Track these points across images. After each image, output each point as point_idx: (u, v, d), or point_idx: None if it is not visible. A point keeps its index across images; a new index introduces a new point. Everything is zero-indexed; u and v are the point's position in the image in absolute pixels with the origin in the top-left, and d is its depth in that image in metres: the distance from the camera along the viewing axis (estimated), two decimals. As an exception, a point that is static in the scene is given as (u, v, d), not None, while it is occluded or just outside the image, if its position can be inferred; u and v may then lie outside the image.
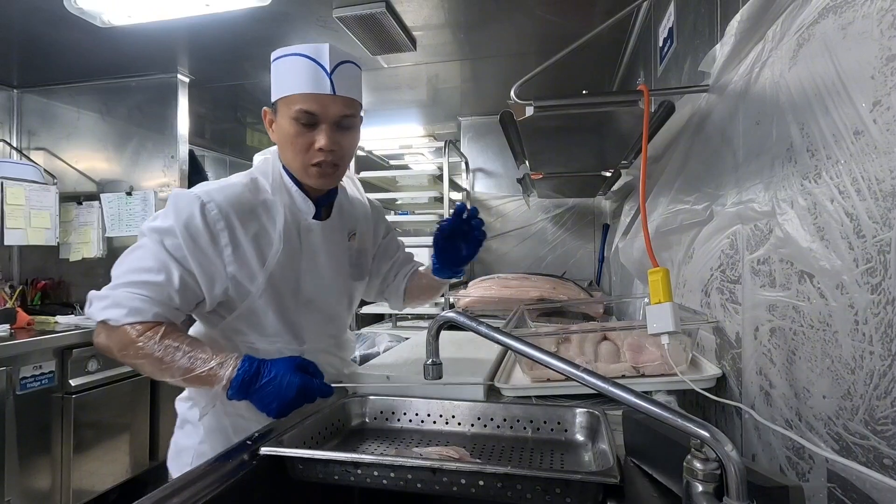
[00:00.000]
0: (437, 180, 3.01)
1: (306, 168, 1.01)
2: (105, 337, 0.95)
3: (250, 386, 0.91)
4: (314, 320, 1.11)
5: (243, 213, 1.00)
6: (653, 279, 0.85)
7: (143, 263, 0.95)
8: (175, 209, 0.96)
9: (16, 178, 2.72)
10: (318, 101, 0.97)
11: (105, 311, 0.93)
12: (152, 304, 0.94)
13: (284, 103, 0.99)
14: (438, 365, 0.83)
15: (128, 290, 0.93)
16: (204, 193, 0.97)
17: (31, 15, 2.21)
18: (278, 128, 1.02)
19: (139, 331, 0.92)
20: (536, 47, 2.56)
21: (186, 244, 0.95)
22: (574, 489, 0.68)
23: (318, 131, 0.98)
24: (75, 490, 2.27)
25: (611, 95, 1.37)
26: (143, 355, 0.92)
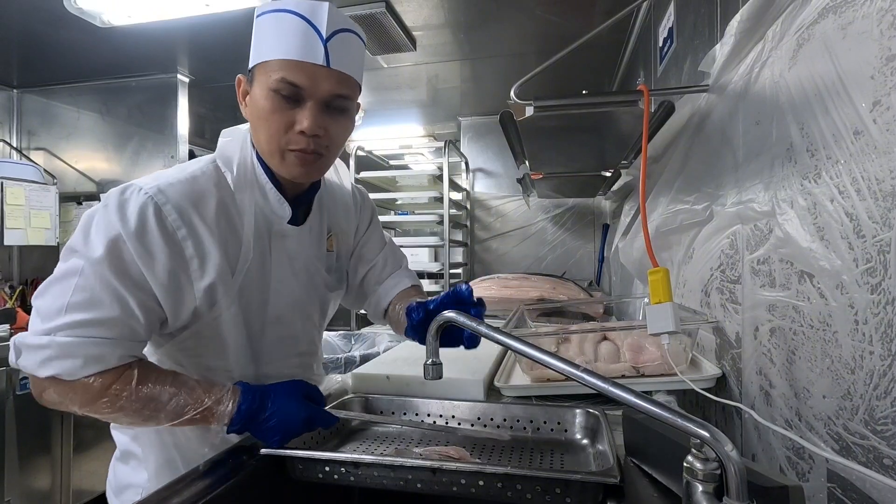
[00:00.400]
0: (437, 180, 3.01)
1: (282, 153, 0.81)
2: (57, 393, 0.74)
3: (253, 420, 0.79)
4: (280, 340, 0.94)
5: (207, 214, 0.80)
6: (653, 279, 0.85)
7: (86, 295, 0.72)
8: (120, 215, 0.74)
9: (16, 178, 2.72)
10: (306, 72, 0.77)
11: (49, 366, 0.71)
12: (114, 345, 0.74)
13: (263, 70, 0.79)
14: (438, 365, 0.83)
15: (76, 333, 0.71)
16: (156, 191, 0.76)
17: (30, 15, 2.21)
18: (252, 101, 0.82)
19: (106, 382, 0.73)
20: (536, 47, 2.56)
21: (143, 259, 0.74)
22: (574, 489, 0.68)
23: (302, 110, 0.79)
24: (75, 490, 2.27)
25: (611, 95, 1.37)
26: (119, 408, 0.75)
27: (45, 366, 0.71)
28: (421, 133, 4.17)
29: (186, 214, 0.78)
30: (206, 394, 0.78)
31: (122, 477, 0.94)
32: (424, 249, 3.23)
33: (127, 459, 0.94)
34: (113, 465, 0.97)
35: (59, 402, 0.75)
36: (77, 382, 0.73)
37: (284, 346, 0.96)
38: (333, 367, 1.63)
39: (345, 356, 1.63)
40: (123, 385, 0.74)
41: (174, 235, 0.77)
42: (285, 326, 0.94)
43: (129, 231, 0.74)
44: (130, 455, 0.93)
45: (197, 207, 0.79)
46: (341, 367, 1.61)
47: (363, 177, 3.05)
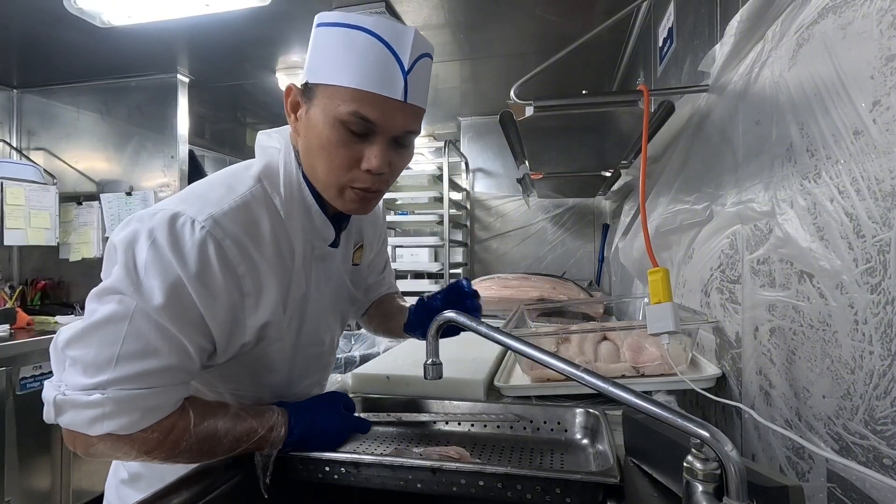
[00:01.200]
0: (436, 180, 3.01)
1: (342, 189, 0.74)
2: (108, 448, 0.67)
3: (306, 439, 0.79)
4: (310, 360, 0.91)
5: (262, 243, 0.73)
6: (653, 279, 0.85)
7: (140, 345, 0.65)
8: (176, 255, 0.66)
9: (16, 178, 2.72)
10: (382, 107, 0.69)
11: (104, 424, 0.64)
12: (170, 392, 0.68)
13: (329, 95, 0.69)
14: (438, 365, 0.83)
15: (129, 385, 0.65)
16: (212, 224, 0.68)
17: (30, 15, 2.21)
18: (310, 123, 0.72)
19: (164, 430, 0.68)
20: (536, 47, 2.56)
21: (203, 302, 0.67)
22: (574, 489, 0.68)
23: (370, 145, 0.71)
24: (75, 490, 2.27)
25: (611, 95, 1.37)
26: (177, 454, 0.70)
27: (99, 424, 0.64)
28: (421, 133, 4.16)
29: (245, 249, 0.71)
30: (258, 422, 0.76)
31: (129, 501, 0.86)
32: (424, 249, 3.23)
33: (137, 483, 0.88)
34: (116, 488, 0.90)
35: (112, 454, 0.69)
36: (133, 436, 0.67)
37: (312, 365, 0.93)
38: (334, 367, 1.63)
39: (345, 356, 1.63)
40: (182, 431, 0.69)
41: (235, 272, 0.70)
42: (315, 346, 0.91)
43: (189, 274, 0.66)
44: (141, 477, 0.87)
45: (253, 240, 0.73)
46: (341, 367, 1.61)
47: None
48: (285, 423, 0.79)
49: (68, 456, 2.26)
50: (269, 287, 0.74)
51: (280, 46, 2.49)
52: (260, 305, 0.74)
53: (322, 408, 0.84)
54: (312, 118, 0.72)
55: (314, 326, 0.88)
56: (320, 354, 0.95)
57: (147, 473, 0.87)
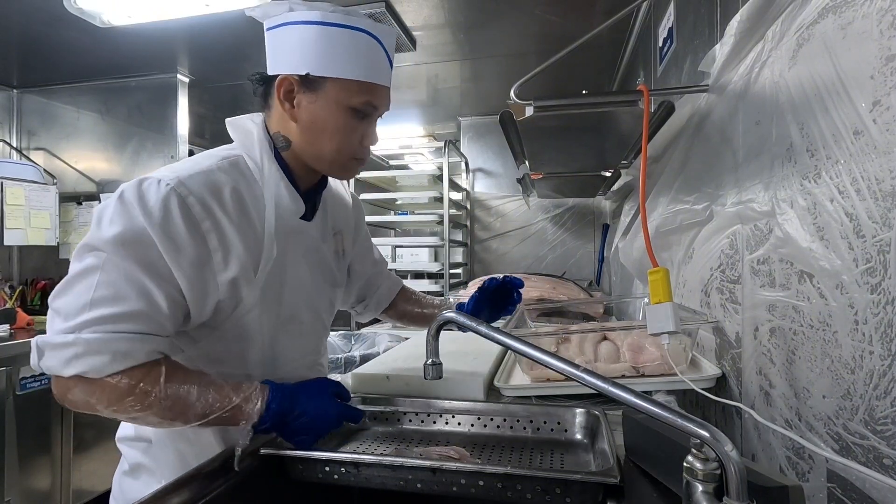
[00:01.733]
0: (436, 180, 3.01)
1: (346, 162, 0.87)
2: (83, 392, 0.72)
3: (284, 419, 0.78)
4: (294, 340, 0.95)
5: (226, 205, 0.80)
6: (653, 279, 0.85)
7: (110, 290, 0.71)
8: (141, 207, 0.73)
9: (16, 178, 2.72)
10: (380, 94, 0.85)
11: (76, 364, 0.69)
12: (141, 341, 0.72)
13: (342, 87, 0.82)
14: (438, 365, 0.83)
15: (103, 329, 0.70)
16: (177, 183, 0.76)
17: (30, 15, 2.21)
18: (315, 111, 0.83)
19: (133, 379, 0.72)
20: (536, 47, 2.56)
21: (168, 252, 0.74)
22: (574, 489, 0.68)
23: (370, 125, 0.87)
24: (75, 490, 2.27)
25: (611, 95, 1.37)
26: (147, 406, 0.73)
27: (71, 364, 0.70)
28: (421, 133, 4.17)
29: (209, 206, 0.78)
30: (235, 392, 0.77)
31: (132, 492, 0.91)
32: (424, 249, 3.23)
33: (137, 474, 0.91)
34: (119, 479, 0.93)
35: (85, 401, 0.73)
36: (104, 381, 0.71)
37: (298, 346, 0.96)
38: (333, 367, 1.63)
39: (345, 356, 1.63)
40: (152, 382, 0.72)
41: (199, 227, 0.76)
42: (298, 325, 0.95)
43: (153, 223, 0.73)
44: (141, 468, 0.91)
45: (217, 200, 0.79)
46: (341, 367, 1.61)
47: (363, 177, 3.05)
48: (264, 397, 0.78)
49: (68, 456, 2.26)
50: (236, 245, 0.80)
51: (280, 46, 2.48)
52: (229, 262, 0.80)
53: (307, 388, 0.82)
54: (320, 106, 0.83)
55: (295, 301, 0.93)
56: (304, 337, 0.97)
57: (147, 464, 0.90)
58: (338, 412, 0.82)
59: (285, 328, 0.92)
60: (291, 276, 0.91)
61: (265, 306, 0.87)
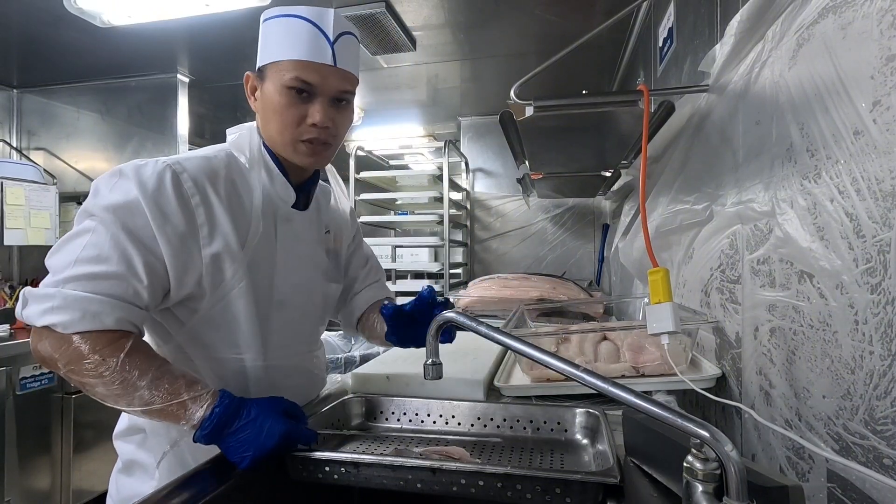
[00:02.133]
0: (436, 180, 3.01)
1: (295, 144, 0.88)
2: (49, 345, 0.74)
3: (225, 428, 0.75)
4: (285, 326, 0.96)
5: (219, 187, 0.86)
6: (653, 279, 0.85)
7: (94, 251, 0.75)
8: (137, 180, 0.78)
9: (16, 178, 2.72)
10: (318, 71, 0.85)
11: (49, 315, 0.73)
12: (113, 306, 0.75)
13: (276, 69, 0.86)
14: (438, 365, 0.82)
15: (79, 286, 0.74)
16: (174, 162, 0.82)
17: (30, 15, 2.21)
18: (264, 96, 0.89)
19: (96, 344, 0.73)
20: (536, 47, 2.56)
21: (156, 221, 0.78)
22: (574, 489, 0.68)
23: (313, 104, 0.87)
24: (75, 490, 2.27)
25: (611, 95, 1.37)
26: (99, 375, 0.73)
27: (45, 315, 0.73)
28: (421, 133, 4.17)
29: (201, 184, 0.83)
30: (187, 389, 0.76)
31: (126, 489, 0.91)
32: (424, 249, 3.23)
33: (132, 470, 0.92)
34: (115, 478, 0.94)
35: (50, 356, 0.75)
36: (69, 337, 0.73)
37: (290, 334, 0.98)
38: (333, 367, 1.63)
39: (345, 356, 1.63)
40: (112, 351, 0.74)
41: (189, 201, 0.81)
42: (289, 311, 0.96)
43: (145, 192, 0.78)
44: (135, 465, 0.91)
45: (211, 182, 0.85)
46: (341, 367, 1.61)
47: (363, 177, 3.05)
48: (212, 402, 0.76)
49: (68, 456, 2.26)
50: (223, 223, 0.85)
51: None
52: (214, 237, 0.84)
53: (258, 402, 0.79)
54: (266, 92, 0.88)
55: (286, 285, 0.95)
56: (296, 324, 0.99)
57: (140, 459, 0.91)
58: (282, 431, 0.76)
59: (277, 312, 0.94)
60: (282, 261, 0.94)
61: (255, 287, 0.89)
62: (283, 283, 0.94)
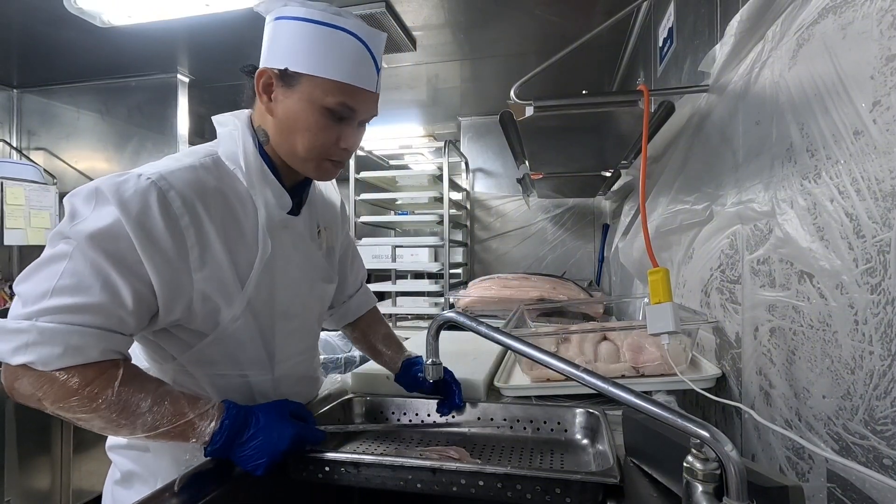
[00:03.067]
0: (436, 180, 3.00)
1: (320, 162, 0.84)
2: (30, 384, 0.67)
3: (236, 439, 0.74)
4: (289, 336, 0.93)
5: (209, 204, 0.78)
6: (653, 279, 0.85)
7: (73, 280, 0.68)
8: (119, 200, 0.70)
9: (16, 178, 2.72)
10: (361, 98, 0.81)
11: (25, 353, 0.65)
12: (98, 337, 0.69)
13: (315, 84, 0.79)
14: (438, 365, 0.82)
15: (59, 319, 0.66)
16: (158, 177, 0.73)
17: (30, 15, 2.21)
18: (290, 106, 0.81)
19: (84, 378, 0.67)
20: (536, 47, 2.56)
21: (142, 245, 0.71)
22: (574, 489, 0.68)
23: (346, 127, 0.83)
24: (75, 490, 2.27)
25: (611, 95, 1.37)
26: (93, 410, 0.68)
27: (20, 352, 0.66)
28: (421, 133, 4.17)
29: (190, 203, 0.76)
30: (191, 407, 0.73)
31: (122, 501, 0.89)
32: (424, 249, 3.23)
33: (129, 482, 0.89)
34: (111, 489, 0.91)
35: (31, 395, 0.68)
36: (53, 374, 0.67)
37: (293, 342, 0.94)
38: (333, 367, 1.63)
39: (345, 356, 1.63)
40: (104, 385, 0.68)
41: (177, 222, 0.74)
42: (291, 320, 0.93)
43: (128, 214, 0.70)
44: (134, 477, 0.89)
45: (200, 197, 0.77)
46: (341, 367, 1.61)
47: (363, 177, 3.05)
48: (219, 415, 0.74)
49: (68, 456, 2.26)
50: (215, 244, 0.78)
51: (280, 46, 2.48)
52: (206, 260, 0.77)
53: (265, 408, 0.78)
54: (293, 103, 0.81)
55: (287, 296, 0.91)
56: (298, 332, 0.96)
57: (139, 472, 0.88)
58: (293, 434, 0.75)
59: (281, 323, 0.90)
60: (282, 272, 0.89)
61: (258, 304, 0.85)
62: (283, 294, 0.90)
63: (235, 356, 0.86)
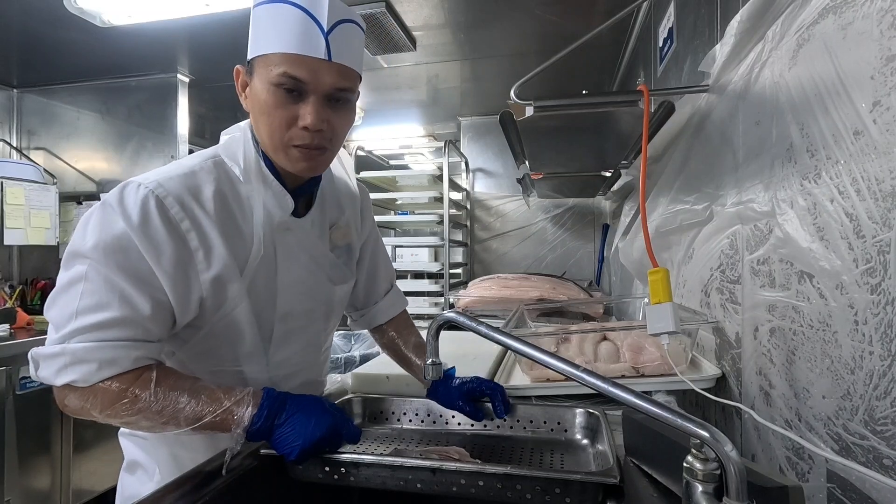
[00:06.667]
0: (437, 180, 3.00)
1: (286, 148, 0.80)
2: (77, 399, 0.73)
3: (275, 419, 0.76)
4: (288, 338, 0.92)
5: (207, 205, 0.79)
6: (653, 279, 0.85)
7: (93, 299, 0.72)
8: (121, 211, 0.73)
9: (16, 177, 2.72)
10: (308, 66, 0.76)
11: (65, 374, 0.71)
12: (128, 348, 0.73)
13: (263, 64, 0.77)
14: (438, 365, 0.82)
15: (87, 338, 0.71)
16: (154, 185, 0.75)
17: (30, 15, 2.21)
18: (253, 94, 0.80)
19: (123, 384, 0.73)
20: (536, 47, 2.56)
21: (149, 254, 0.73)
22: (574, 489, 0.68)
23: (305, 104, 0.77)
24: (75, 490, 2.27)
25: (611, 95, 1.37)
26: (137, 411, 0.73)
27: (61, 374, 0.71)
28: (421, 133, 4.17)
29: (188, 206, 0.77)
30: (227, 396, 0.76)
31: (128, 489, 0.92)
32: (424, 249, 3.23)
33: (133, 469, 0.92)
34: (121, 476, 0.95)
35: (81, 407, 0.74)
36: (95, 386, 0.72)
37: (292, 345, 0.94)
38: (333, 367, 1.63)
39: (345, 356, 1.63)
40: (142, 387, 0.73)
41: (178, 227, 0.76)
42: (293, 322, 0.92)
43: (132, 225, 0.72)
44: (136, 465, 0.92)
45: (197, 200, 0.78)
46: (341, 367, 1.61)
47: (363, 177, 3.05)
48: (256, 400, 0.76)
49: (68, 456, 2.26)
50: (218, 244, 0.79)
51: (280, 46, 2.48)
52: (212, 261, 0.79)
53: (302, 397, 0.80)
54: (254, 89, 0.80)
55: (290, 299, 0.90)
56: (298, 336, 0.94)
57: (142, 460, 0.91)
58: (330, 423, 0.77)
59: (280, 325, 0.90)
60: (284, 275, 0.88)
61: (257, 302, 0.85)
62: (285, 296, 0.89)
63: (233, 352, 0.87)
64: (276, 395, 0.78)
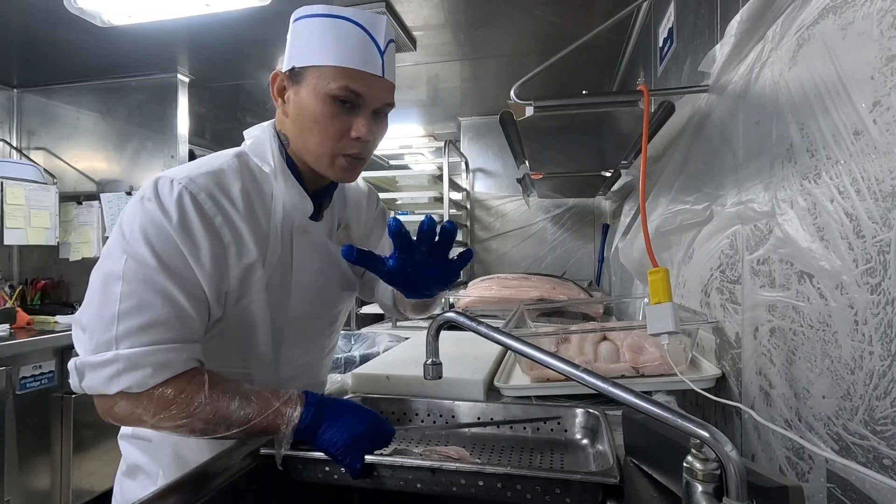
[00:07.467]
0: (437, 180, 3.01)
1: (334, 157, 0.83)
2: (128, 405, 0.72)
3: (321, 416, 0.77)
4: (297, 341, 0.94)
5: (238, 203, 0.81)
6: (653, 279, 0.85)
7: (134, 301, 0.71)
8: (160, 208, 0.74)
9: (16, 177, 2.72)
10: (367, 82, 0.80)
11: (119, 381, 0.70)
12: (178, 350, 0.73)
13: (318, 75, 0.79)
14: (438, 365, 0.82)
15: (136, 342, 0.71)
16: (188, 181, 0.77)
17: (30, 14, 2.21)
18: (300, 102, 0.81)
19: (176, 388, 0.73)
20: (536, 47, 2.56)
21: (189, 249, 0.74)
22: (574, 489, 0.68)
23: (357, 117, 0.81)
24: (75, 490, 2.27)
25: (611, 95, 1.37)
26: (190, 414, 0.72)
27: (115, 381, 0.70)
28: (421, 133, 4.16)
29: (219, 202, 0.79)
30: (274, 397, 0.76)
31: (129, 493, 0.90)
32: (424, 249, 3.23)
33: (134, 474, 0.91)
34: (118, 480, 0.93)
35: (131, 413, 0.73)
36: (149, 392, 0.72)
37: (300, 347, 0.95)
38: (333, 367, 1.63)
39: (345, 356, 1.63)
40: (196, 390, 0.73)
41: (212, 222, 0.77)
42: (302, 325, 0.93)
43: (172, 223, 0.73)
44: (138, 469, 0.90)
45: (226, 196, 0.80)
46: (341, 367, 1.60)
47: (363, 177, 3.05)
48: (302, 400, 0.77)
49: (68, 456, 2.26)
50: (248, 239, 0.81)
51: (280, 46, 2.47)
52: (242, 256, 0.81)
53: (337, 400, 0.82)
54: (302, 98, 0.81)
55: (302, 302, 0.91)
56: (307, 339, 0.96)
57: (144, 465, 0.90)
58: (371, 420, 0.78)
59: (291, 327, 0.91)
60: (298, 278, 0.90)
61: (271, 306, 0.86)
62: (298, 299, 0.91)
63: (244, 353, 0.87)
64: (319, 397, 0.80)
